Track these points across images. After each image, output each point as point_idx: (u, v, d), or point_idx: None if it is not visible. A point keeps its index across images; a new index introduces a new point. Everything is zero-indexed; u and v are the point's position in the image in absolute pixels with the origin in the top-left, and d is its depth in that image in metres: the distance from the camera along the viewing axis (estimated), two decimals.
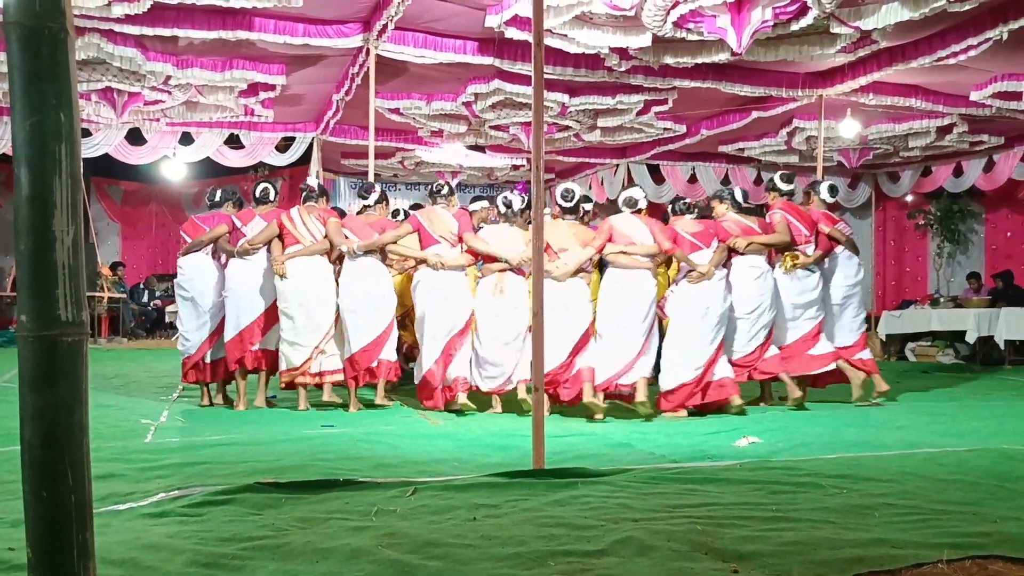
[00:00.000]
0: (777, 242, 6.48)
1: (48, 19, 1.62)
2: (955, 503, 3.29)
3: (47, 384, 1.62)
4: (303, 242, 6.20)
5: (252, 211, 6.54)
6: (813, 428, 5.48)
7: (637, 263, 6.02)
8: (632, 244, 6.03)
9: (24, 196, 1.62)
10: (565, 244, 6.07)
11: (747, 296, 6.32)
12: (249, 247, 6.26)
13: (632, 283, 6.01)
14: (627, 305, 6.00)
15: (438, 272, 6.21)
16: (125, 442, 4.77)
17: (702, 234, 6.26)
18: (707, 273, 6.06)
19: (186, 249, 6.49)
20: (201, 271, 6.44)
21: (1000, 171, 11.88)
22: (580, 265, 6.06)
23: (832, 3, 6.21)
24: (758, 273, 6.36)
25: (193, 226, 6.62)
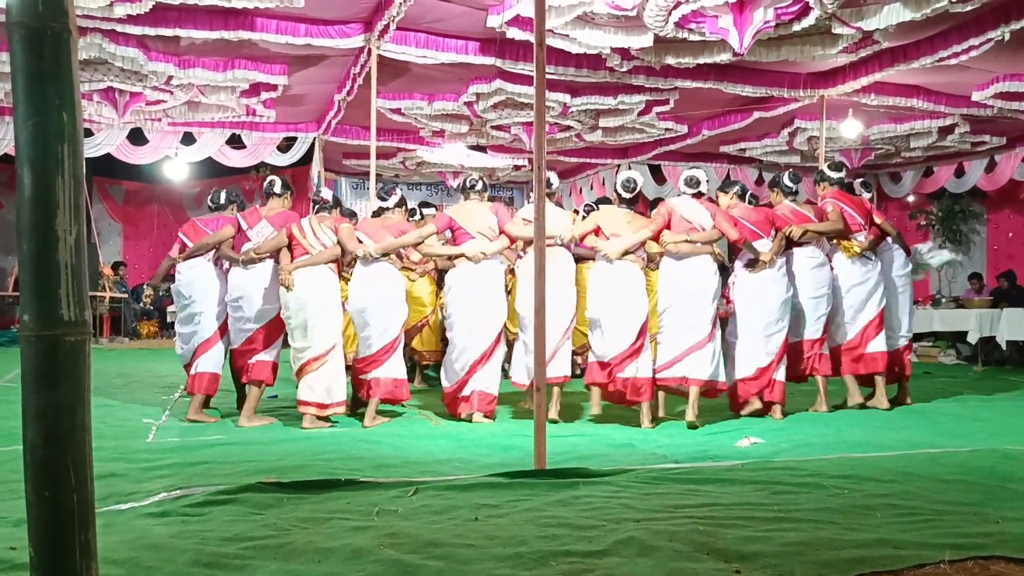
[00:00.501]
0: (830, 230, 6.31)
1: (51, 19, 1.62)
2: (957, 504, 3.29)
3: (49, 384, 1.62)
4: (312, 253, 5.72)
5: (258, 212, 6.08)
6: (815, 428, 5.48)
7: (698, 250, 5.72)
8: (693, 229, 5.73)
9: (27, 196, 1.62)
10: (618, 230, 5.77)
11: (806, 284, 6.22)
12: (255, 256, 5.80)
13: (694, 270, 5.71)
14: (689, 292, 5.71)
15: (476, 271, 5.83)
16: (127, 442, 4.77)
17: (761, 222, 6.10)
18: (769, 262, 5.95)
19: (188, 253, 6.08)
20: (201, 277, 6.05)
21: (1002, 171, 11.88)
22: (631, 247, 5.72)
23: (834, 4, 6.21)
24: (816, 262, 6.27)
25: (194, 229, 6.22)
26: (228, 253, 5.95)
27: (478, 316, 5.85)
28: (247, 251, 5.85)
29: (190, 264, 6.09)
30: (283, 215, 5.98)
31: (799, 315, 6.26)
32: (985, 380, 8.84)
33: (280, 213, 5.99)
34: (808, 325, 6.29)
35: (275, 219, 5.93)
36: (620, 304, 5.67)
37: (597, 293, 5.79)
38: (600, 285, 5.78)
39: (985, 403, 6.99)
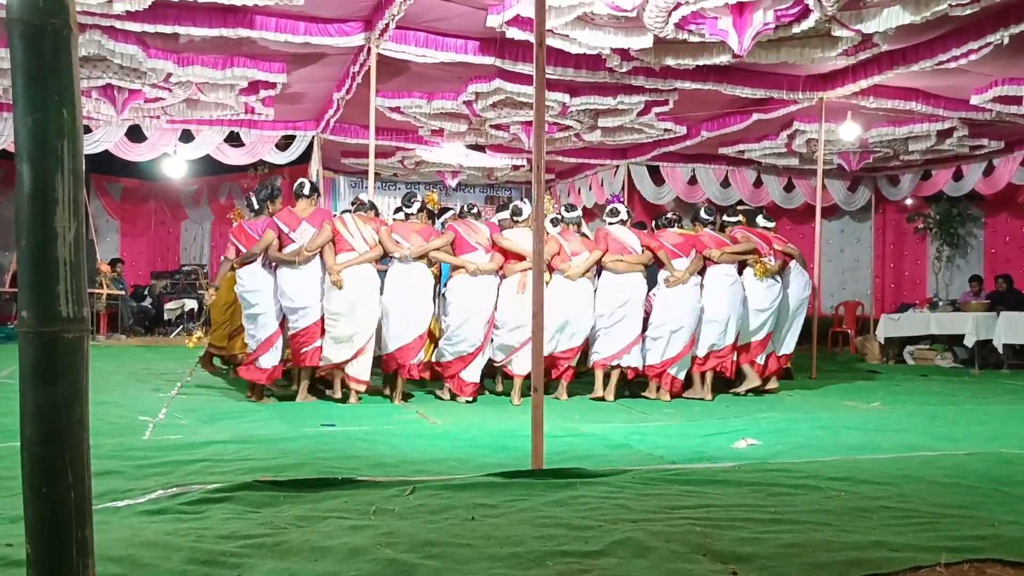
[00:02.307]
0: (745, 250, 7.45)
1: (51, 16, 1.62)
2: (953, 506, 3.29)
3: (48, 381, 1.62)
4: (356, 248, 6.50)
5: (293, 214, 6.58)
6: (812, 431, 5.49)
7: (631, 267, 7.12)
8: (626, 251, 7.13)
9: (26, 193, 1.62)
10: (578, 249, 7.07)
11: (719, 301, 7.23)
12: (309, 255, 6.41)
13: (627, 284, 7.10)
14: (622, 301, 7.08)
15: (476, 279, 6.74)
16: (123, 439, 4.77)
17: (682, 245, 7.29)
18: (683, 278, 7.13)
19: (242, 259, 6.60)
20: (260, 281, 6.53)
21: (1000, 175, 11.89)
22: (588, 267, 7.04)
23: (834, 6, 6.21)
24: (731, 281, 7.33)
25: (244, 233, 6.76)
26: (279, 256, 6.48)
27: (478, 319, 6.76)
28: (298, 250, 6.42)
29: (248, 270, 6.57)
30: (318, 212, 6.63)
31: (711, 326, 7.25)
32: (982, 383, 8.86)
33: (315, 212, 6.63)
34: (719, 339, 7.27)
35: (312, 218, 6.55)
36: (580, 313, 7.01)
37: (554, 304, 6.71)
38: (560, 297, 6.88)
39: (982, 406, 7.01)
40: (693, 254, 7.26)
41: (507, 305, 6.81)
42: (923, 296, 13.40)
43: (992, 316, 10.12)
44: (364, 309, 6.47)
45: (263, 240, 6.50)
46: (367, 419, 5.88)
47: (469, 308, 6.72)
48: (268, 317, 6.50)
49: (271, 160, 12.15)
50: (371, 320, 6.54)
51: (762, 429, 5.46)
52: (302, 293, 6.43)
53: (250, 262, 6.55)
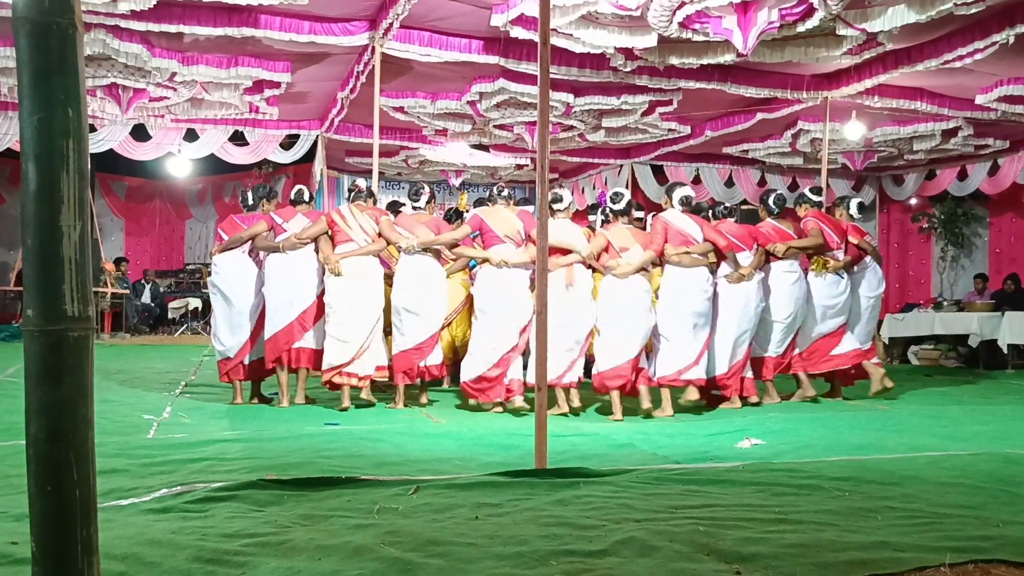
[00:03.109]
0: (811, 245, 6.81)
1: (57, 15, 1.62)
2: (958, 507, 3.29)
3: (53, 379, 1.62)
4: (355, 239, 6.17)
5: (292, 208, 6.44)
6: (816, 430, 5.48)
7: (697, 261, 6.27)
8: (688, 242, 6.26)
9: (32, 191, 1.62)
10: (626, 244, 6.18)
11: (783, 300, 6.71)
12: (297, 241, 6.16)
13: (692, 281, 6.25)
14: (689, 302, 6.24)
15: (501, 271, 6.14)
16: (128, 438, 4.78)
17: (743, 236, 6.64)
18: (747, 275, 6.45)
19: (223, 246, 6.33)
20: (237, 269, 6.31)
21: (1005, 175, 11.85)
22: (642, 265, 6.15)
23: (838, 5, 6.20)
24: (794, 278, 6.75)
25: (232, 225, 6.47)
26: (266, 243, 6.25)
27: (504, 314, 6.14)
28: (288, 237, 6.19)
29: (228, 257, 6.32)
30: (316, 212, 6.46)
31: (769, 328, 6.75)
32: (986, 383, 8.84)
33: (313, 210, 6.47)
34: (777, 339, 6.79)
35: (309, 214, 6.39)
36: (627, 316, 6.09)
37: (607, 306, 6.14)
38: (611, 299, 6.13)
39: (986, 406, 6.99)
40: (756, 248, 6.64)
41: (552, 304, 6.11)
42: (928, 296, 13.38)
43: (997, 316, 10.09)
44: (365, 302, 6.13)
45: (252, 228, 6.27)
46: (371, 418, 5.89)
47: (497, 306, 6.13)
48: (245, 310, 6.27)
49: (275, 159, 12.17)
50: (372, 315, 6.18)
51: (766, 429, 5.45)
52: (287, 284, 6.16)
53: (232, 248, 6.30)
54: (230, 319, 6.30)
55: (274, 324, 6.21)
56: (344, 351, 6.14)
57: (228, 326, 6.31)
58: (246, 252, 6.37)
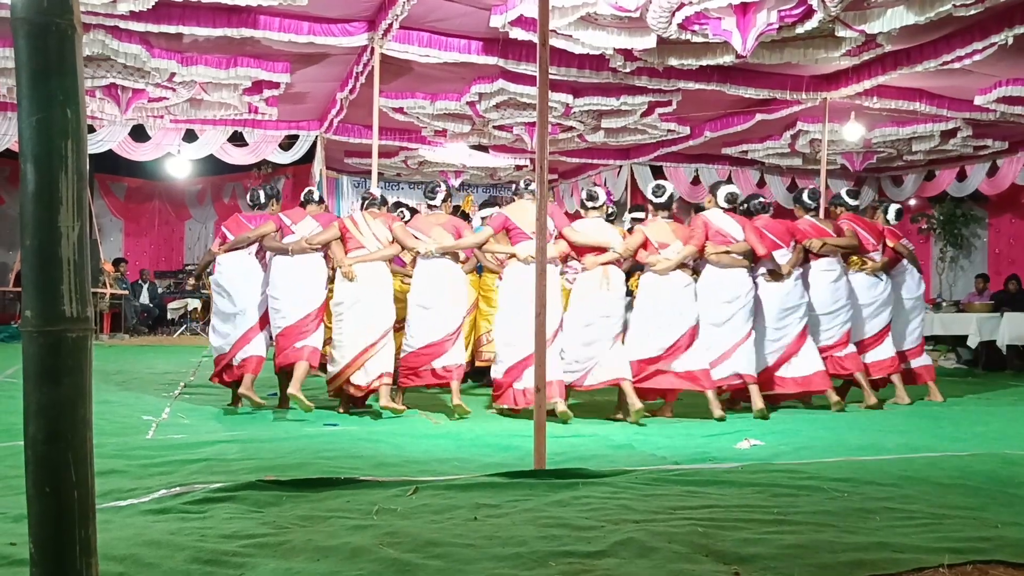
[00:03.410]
0: (846, 245, 6.75)
1: (56, 15, 1.62)
2: (956, 507, 3.29)
3: (51, 380, 1.62)
4: (367, 246, 6.04)
5: (301, 210, 6.35)
6: (815, 431, 5.48)
7: (736, 262, 6.18)
8: (727, 241, 6.17)
9: (30, 192, 1.62)
10: (666, 239, 6.09)
11: (823, 297, 6.64)
12: (307, 246, 6.02)
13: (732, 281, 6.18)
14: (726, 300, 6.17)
15: (530, 268, 5.73)
16: (126, 438, 4.77)
17: (782, 234, 6.53)
18: (786, 273, 6.38)
19: (229, 245, 6.21)
20: (240, 269, 6.19)
21: (1004, 176, 11.86)
22: (682, 260, 6.05)
23: (837, 6, 6.20)
24: (834, 276, 6.69)
25: (237, 223, 6.36)
26: (275, 244, 6.12)
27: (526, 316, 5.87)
28: (297, 240, 6.06)
29: (230, 257, 6.22)
30: (327, 215, 6.32)
31: (815, 325, 6.62)
32: (985, 384, 8.84)
33: (324, 213, 6.35)
34: (823, 334, 6.66)
35: (319, 217, 6.26)
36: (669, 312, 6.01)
37: (646, 302, 6.09)
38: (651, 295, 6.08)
39: (985, 407, 6.99)
40: (793, 245, 6.54)
41: (585, 303, 5.97)
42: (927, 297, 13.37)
43: (996, 317, 10.10)
44: (373, 309, 5.93)
45: (260, 228, 6.16)
46: (370, 419, 5.89)
47: (523, 302, 5.75)
48: (249, 309, 6.13)
49: (274, 160, 12.16)
50: (380, 323, 5.96)
51: (765, 430, 5.45)
52: (291, 287, 6.01)
53: (238, 248, 6.19)
54: (228, 318, 6.21)
55: (277, 327, 6.09)
56: (343, 355, 6.00)
57: (226, 324, 6.23)
58: (252, 252, 6.28)
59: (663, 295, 6.02)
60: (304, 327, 6.04)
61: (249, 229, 6.24)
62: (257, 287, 6.20)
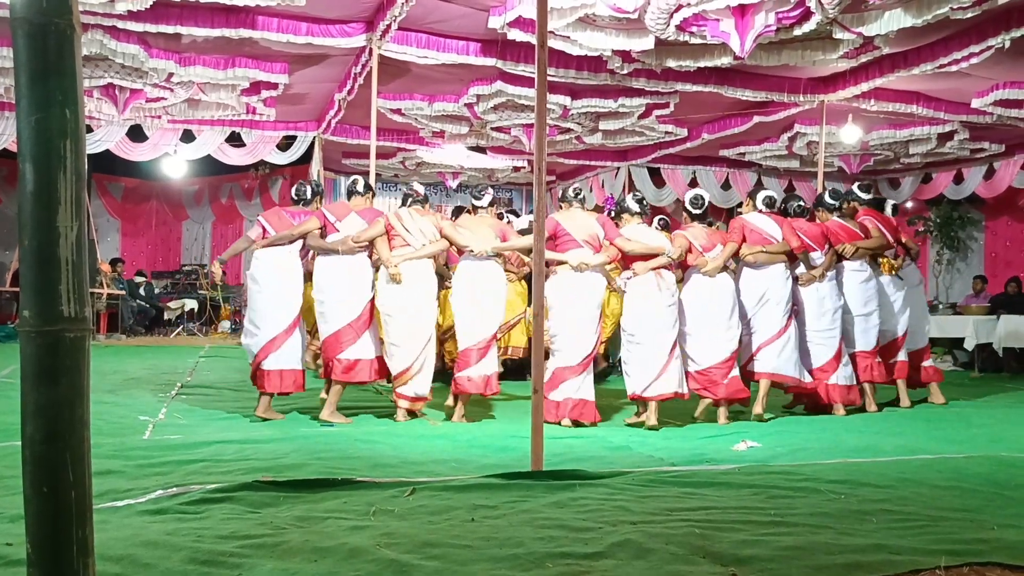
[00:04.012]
0: (876, 246, 6.81)
1: (55, 15, 1.62)
2: (953, 509, 3.29)
3: (49, 380, 1.62)
4: (411, 243, 5.89)
5: (346, 205, 6.10)
6: (812, 433, 5.48)
7: (773, 258, 6.29)
8: (767, 241, 6.30)
9: (29, 192, 1.62)
10: (707, 243, 6.18)
11: (857, 297, 6.69)
12: (355, 245, 5.81)
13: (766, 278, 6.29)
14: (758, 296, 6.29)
15: (581, 275, 5.91)
16: (123, 439, 4.77)
17: (816, 236, 6.57)
18: (820, 276, 6.45)
19: (270, 240, 5.90)
20: (279, 265, 5.88)
21: (1000, 178, 11.88)
22: (726, 259, 6.18)
23: (835, 9, 6.21)
24: (864, 276, 6.74)
25: (279, 217, 6.04)
26: (321, 243, 5.89)
27: (577, 323, 5.90)
28: (344, 239, 5.84)
29: (268, 252, 5.91)
30: (371, 210, 6.08)
31: (849, 328, 6.70)
32: (981, 387, 8.86)
33: (368, 208, 6.10)
34: (858, 337, 6.72)
35: (364, 213, 6.01)
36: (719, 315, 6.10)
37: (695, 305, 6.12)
38: (698, 297, 6.12)
39: (982, 410, 7.00)
40: (828, 248, 6.56)
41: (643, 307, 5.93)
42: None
43: (992, 320, 10.11)
44: (420, 311, 5.84)
45: (304, 225, 5.89)
46: (367, 420, 5.88)
47: (575, 310, 5.89)
48: (279, 313, 5.81)
49: (272, 160, 12.16)
50: (427, 325, 5.89)
51: (762, 431, 5.46)
52: (337, 288, 5.80)
53: (279, 244, 5.91)
54: (260, 316, 5.89)
55: (323, 332, 5.88)
56: (402, 358, 5.84)
57: (257, 322, 5.89)
58: (294, 250, 5.96)
59: (715, 296, 6.10)
60: (350, 333, 5.80)
61: (291, 224, 5.96)
62: (295, 286, 5.91)
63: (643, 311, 5.92)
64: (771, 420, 6.10)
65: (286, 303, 5.84)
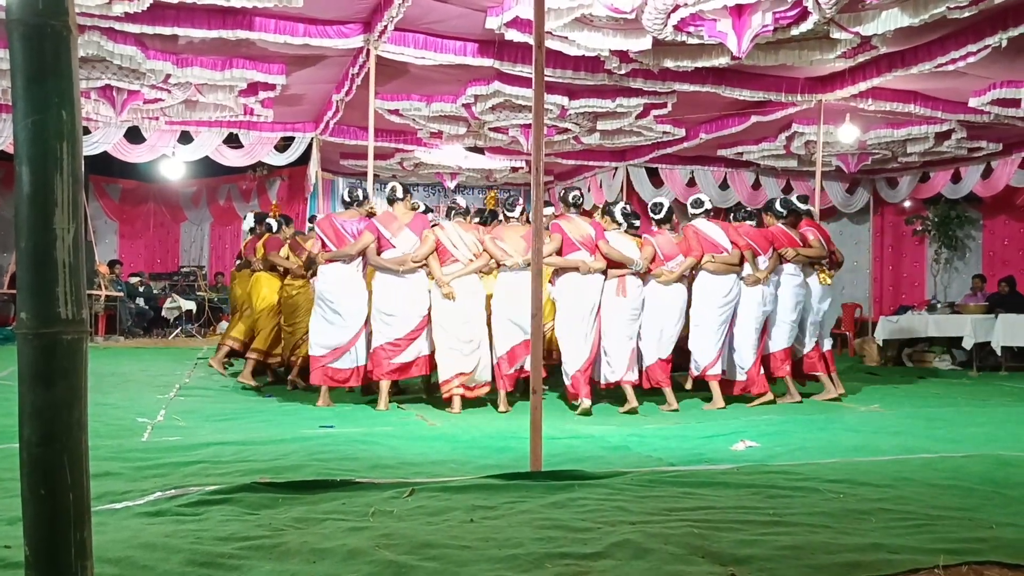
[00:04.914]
0: (816, 255, 7.26)
1: (51, 17, 1.62)
2: (951, 508, 3.30)
3: (46, 382, 1.62)
4: (459, 258, 6.38)
5: (395, 218, 6.48)
6: (810, 433, 5.49)
7: (728, 268, 6.82)
8: (715, 246, 6.82)
9: (25, 194, 1.62)
10: (671, 252, 6.74)
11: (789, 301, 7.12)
12: (414, 265, 6.32)
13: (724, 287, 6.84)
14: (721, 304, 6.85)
15: (585, 277, 6.45)
16: (122, 440, 4.76)
17: (761, 241, 7.03)
18: (764, 279, 6.91)
19: (331, 256, 6.39)
20: (343, 279, 6.40)
21: (998, 177, 11.89)
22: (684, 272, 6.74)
23: (832, 8, 6.22)
24: (799, 280, 7.18)
25: (334, 229, 6.49)
26: (381, 262, 6.37)
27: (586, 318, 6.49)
28: (403, 258, 6.33)
29: (334, 269, 6.41)
30: (418, 219, 6.55)
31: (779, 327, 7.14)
32: (980, 386, 8.87)
33: (415, 218, 6.55)
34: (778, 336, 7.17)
35: (414, 225, 6.49)
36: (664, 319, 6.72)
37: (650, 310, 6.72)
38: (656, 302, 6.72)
39: (980, 408, 7.01)
40: (771, 252, 7.04)
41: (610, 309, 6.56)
42: (921, 298, 13.41)
43: (990, 318, 10.12)
44: (470, 321, 6.39)
45: (361, 241, 6.36)
46: (366, 421, 5.88)
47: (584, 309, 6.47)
48: (350, 320, 6.38)
49: (270, 162, 12.14)
50: (480, 330, 6.46)
51: (760, 431, 5.46)
52: (403, 302, 6.34)
53: (339, 260, 6.39)
54: (332, 325, 6.40)
55: (381, 339, 6.36)
56: (461, 363, 6.38)
57: (328, 331, 6.41)
58: (355, 264, 6.45)
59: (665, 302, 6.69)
60: (406, 342, 6.37)
61: (344, 234, 6.43)
62: (360, 296, 6.45)
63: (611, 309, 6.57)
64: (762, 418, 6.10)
65: (355, 313, 6.41)
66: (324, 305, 6.45)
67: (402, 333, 6.36)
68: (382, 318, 6.39)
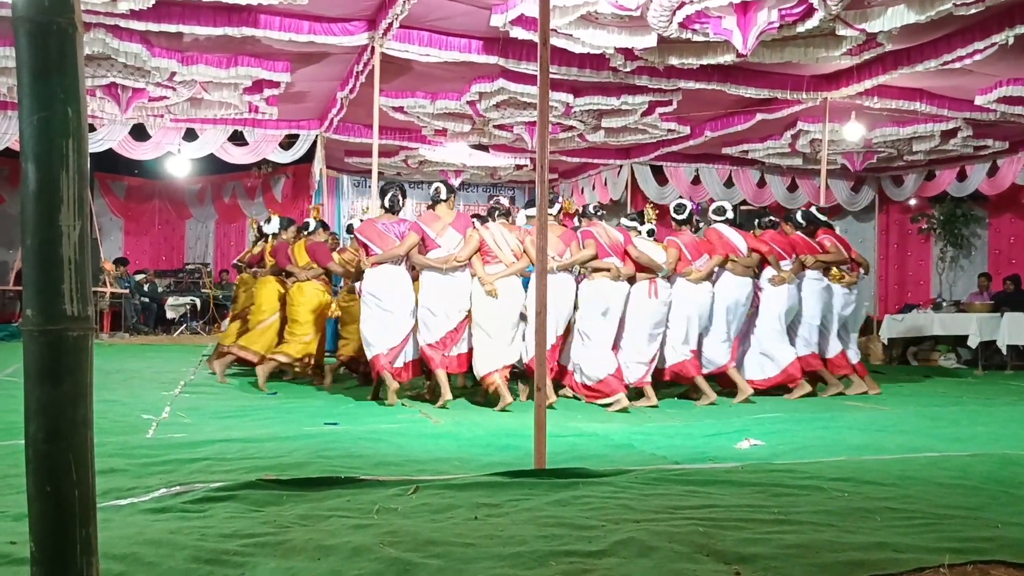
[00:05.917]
0: (834, 260, 7.73)
1: (57, 14, 1.62)
2: (957, 507, 3.29)
3: (52, 379, 1.62)
4: (501, 258, 6.51)
5: (438, 217, 6.57)
6: (815, 431, 5.48)
7: (746, 271, 7.26)
8: (737, 252, 7.24)
9: (31, 191, 1.62)
10: (696, 252, 7.07)
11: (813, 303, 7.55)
12: (458, 264, 6.42)
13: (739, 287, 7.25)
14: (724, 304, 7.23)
15: (616, 283, 6.67)
16: (127, 437, 4.77)
17: (785, 247, 7.51)
18: (788, 279, 7.34)
19: (378, 259, 6.47)
20: (391, 279, 6.49)
21: (1004, 176, 11.86)
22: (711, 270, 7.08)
23: (838, 5, 6.20)
24: (824, 285, 7.63)
25: (376, 232, 6.57)
26: (425, 262, 6.47)
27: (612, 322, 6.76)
28: (447, 258, 6.43)
29: (383, 270, 6.49)
30: (460, 218, 6.68)
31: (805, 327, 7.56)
32: (985, 384, 8.84)
33: (457, 217, 6.66)
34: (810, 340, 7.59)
35: (457, 224, 6.59)
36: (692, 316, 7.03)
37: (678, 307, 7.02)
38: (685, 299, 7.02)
39: (985, 407, 6.99)
40: (795, 257, 7.50)
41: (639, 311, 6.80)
42: (927, 297, 13.38)
43: (996, 317, 10.10)
44: (509, 318, 6.53)
45: (407, 242, 6.46)
46: (370, 418, 5.89)
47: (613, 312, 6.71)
48: (400, 319, 6.47)
49: (274, 159, 12.16)
50: (517, 328, 6.61)
51: (765, 429, 5.45)
52: (447, 301, 6.43)
53: (387, 262, 6.48)
54: (384, 323, 6.47)
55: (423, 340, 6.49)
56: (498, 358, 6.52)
57: (385, 331, 6.47)
58: (402, 266, 6.56)
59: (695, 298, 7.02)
60: (448, 340, 6.49)
61: (388, 237, 6.52)
62: (408, 294, 6.56)
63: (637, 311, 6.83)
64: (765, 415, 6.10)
65: (404, 308, 6.51)
66: (373, 304, 6.51)
67: (443, 333, 6.47)
68: (426, 316, 6.50)
